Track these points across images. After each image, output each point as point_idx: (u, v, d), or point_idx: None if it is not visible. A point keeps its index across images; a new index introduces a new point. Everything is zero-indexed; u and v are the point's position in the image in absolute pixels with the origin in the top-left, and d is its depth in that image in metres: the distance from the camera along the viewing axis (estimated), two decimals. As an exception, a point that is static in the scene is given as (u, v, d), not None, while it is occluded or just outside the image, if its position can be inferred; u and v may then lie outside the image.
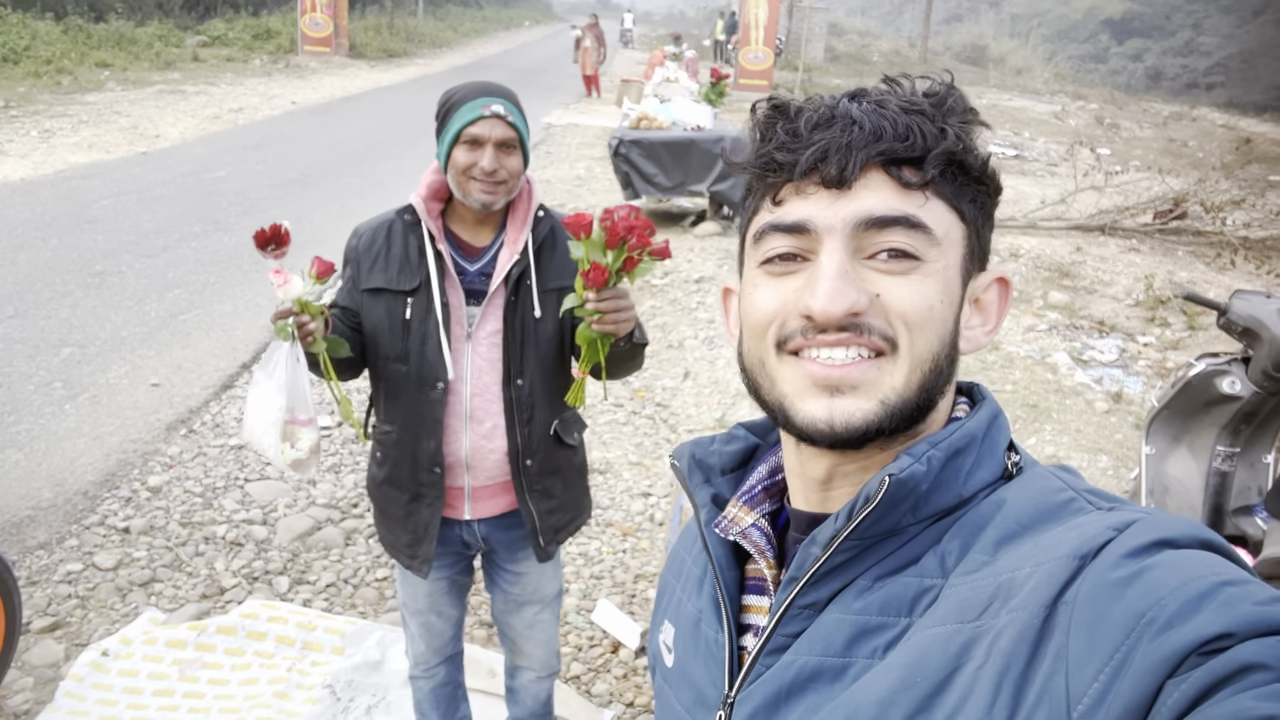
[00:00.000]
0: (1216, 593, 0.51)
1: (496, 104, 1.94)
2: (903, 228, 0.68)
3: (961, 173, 0.71)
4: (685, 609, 0.85)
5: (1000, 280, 0.76)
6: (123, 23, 20.96)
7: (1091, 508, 0.64)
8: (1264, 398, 3.22)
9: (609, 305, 1.77)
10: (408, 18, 32.76)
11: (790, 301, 0.69)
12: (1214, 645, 0.49)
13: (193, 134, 12.04)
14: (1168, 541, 0.56)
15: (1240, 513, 3.40)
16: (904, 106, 0.70)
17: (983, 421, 0.72)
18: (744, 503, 0.81)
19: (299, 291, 1.83)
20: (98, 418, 4.44)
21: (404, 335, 2.03)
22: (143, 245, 7.08)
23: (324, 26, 22.46)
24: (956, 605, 0.62)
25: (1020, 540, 0.64)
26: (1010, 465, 0.72)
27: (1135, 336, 6.93)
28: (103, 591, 3.25)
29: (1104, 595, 0.55)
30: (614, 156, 8.48)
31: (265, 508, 3.85)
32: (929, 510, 0.69)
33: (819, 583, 0.70)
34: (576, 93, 20.06)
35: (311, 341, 1.87)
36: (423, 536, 2.14)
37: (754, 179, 0.75)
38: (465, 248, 2.07)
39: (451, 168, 1.96)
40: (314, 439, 1.92)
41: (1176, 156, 16.10)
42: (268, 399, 1.87)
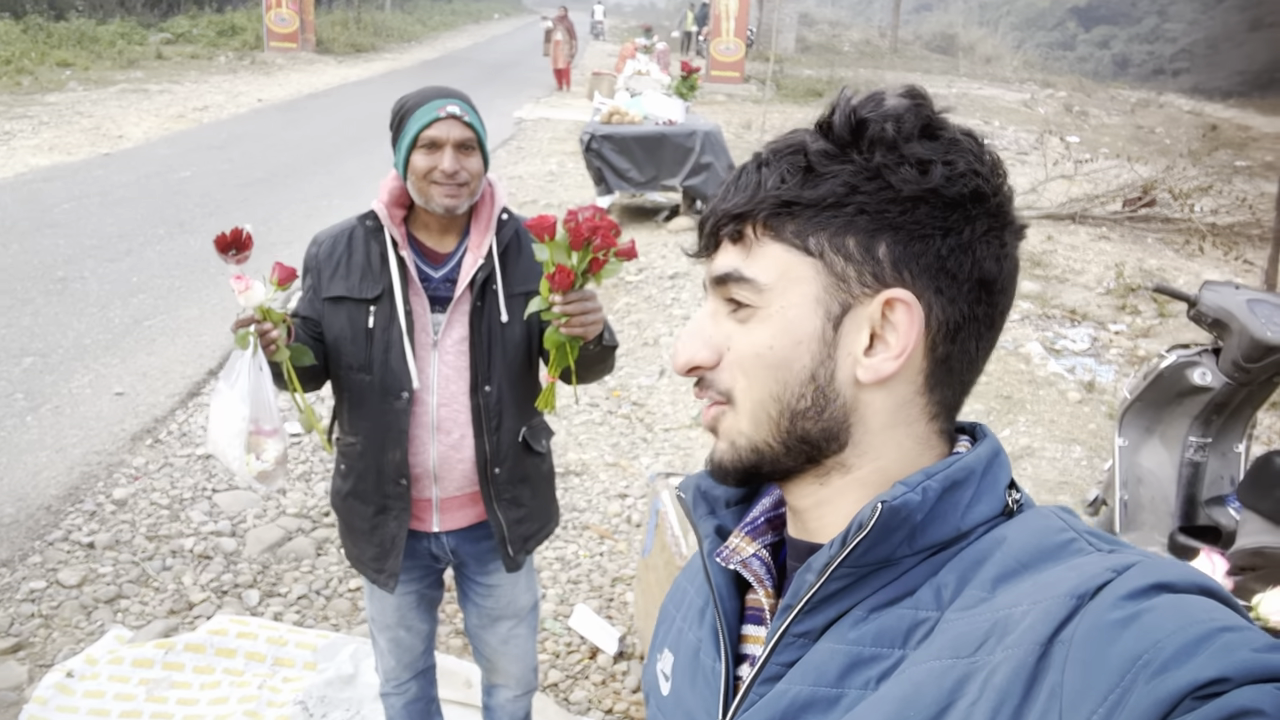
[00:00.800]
0: (1214, 638, 0.51)
1: (452, 104, 1.91)
2: (732, 282, 0.73)
3: (791, 214, 0.71)
4: (686, 638, 0.86)
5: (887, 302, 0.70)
6: (84, 21, 20.60)
7: (1091, 549, 0.64)
8: (1234, 388, 3.23)
9: (576, 308, 1.74)
10: (375, 12, 32.43)
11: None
12: (1210, 689, 0.49)
13: (157, 134, 11.86)
14: (1166, 585, 0.56)
15: (1213, 503, 3.42)
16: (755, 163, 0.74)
17: (983, 457, 0.71)
18: (746, 533, 0.82)
19: (261, 298, 1.78)
20: (60, 429, 4.34)
21: (367, 344, 1.99)
22: (106, 249, 6.96)
23: (290, 22, 22.19)
24: (952, 640, 0.62)
25: (1019, 578, 0.64)
26: (1010, 503, 0.72)
27: (1107, 325, 6.97)
28: (67, 609, 3.18)
29: (1101, 636, 0.55)
30: (586, 152, 8.43)
31: (234, 519, 3.78)
32: (925, 542, 0.68)
33: (813, 610, 0.70)
34: (547, 86, 19.94)
35: (274, 350, 1.82)
36: (389, 550, 2.09)
37: None
38: (429, 254, 2.03)
39: (411, 174, 1.92)
40: (280, 450, 1.87)
41: (1144, 143, 16.25)
42: (231, 409, 1.82)
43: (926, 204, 0.69)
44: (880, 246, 0.70)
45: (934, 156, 0.69)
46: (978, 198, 0.70)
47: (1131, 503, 3.53)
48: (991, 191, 0.71)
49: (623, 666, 3.14)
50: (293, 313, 2.05)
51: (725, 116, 15.02)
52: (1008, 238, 0.72)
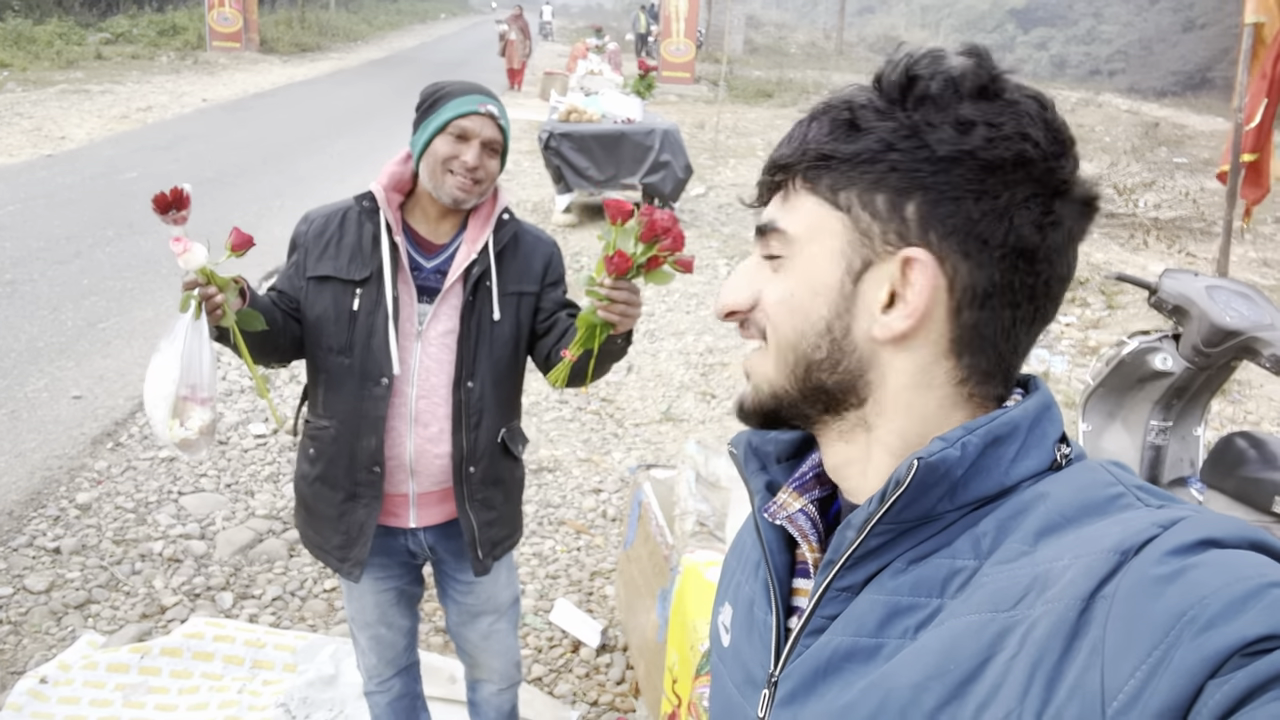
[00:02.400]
0: (1263, 594, 0.50)
1: (491, 105, 1.94)
2: (768, 232, 0.75)
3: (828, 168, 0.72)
4: (743, 591, 0.88)
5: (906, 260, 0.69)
6: (20, 21, 19.98)
7: (1140, 504, 0.63)
8: (1194, 372, 3.33)
9: (622, 295, 1.74)
10: (319, 11, 31.96)
11: None
12: (1258, 647, 0.48)
13: (100, 134, 11.56)
14: (1214, 541, 0.55)
15: (1175, 485, 3.52)
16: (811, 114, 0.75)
17: (1029, 411, 0.70)
18: (794, 489, 0.82)
19: (202, 260, 1.72)
20: (18, 434, 4.22)
21: (350, 327, 1.96)
22: (54, 251, 6.78)
23: (233, 21, 21.77)
24: (992, 594, 0.61)
25: (1062, 532, 0.62)
26: (1059, 457, 0.70)
27: (1058, 317, 7.13)
28: (36, 615, 3.09)
29: (1145, 592, 0.53)
30: (544, 150, 8.40)
31: (202, 521, 3.71)
32: (968, 497, 0.67)
33: (855, 566, 0.71)
34: (499, 86, 19.84)
35: (220, 314, 1.77)
36: (356, 538, 2.05)
37: None
38: (422, 243, 2.01)
39: (429, 156, 1.91)
40: (206, 419, 1.80)
41: (1085, 141, 16.63)
42: (163, 371, 1.75)
43: (961, 165, 0.68)
44: (909, 205, 0.69)
45: (980, 118, 0.68)
46: (1022, 162, 0.67)
47: (1095, 486, 3.63)
48: (1041, 157, 0.68)
49: (606, 659, 3.14)
50: (271, 286, 2.02)
51: (678, 116, 15.07)
52: (1058, 207, 0.69)
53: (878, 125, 0.71)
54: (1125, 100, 27.32)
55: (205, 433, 1.82)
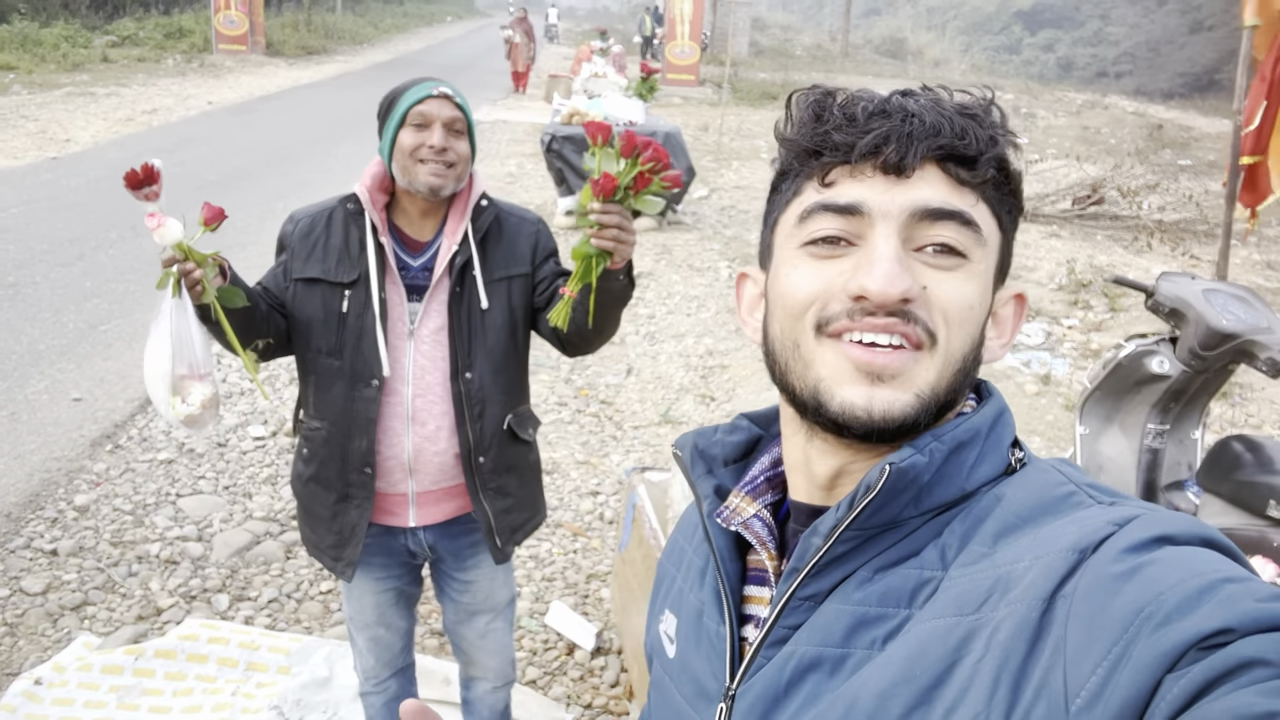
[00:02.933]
0: (1217, 589, 0.51)
1: (444, 87, 1.93)
2: (956, 223, 0.68)
3: (1005, 180, 0.72)
4: (688, 600, 0.84)
5: (1018, 296, 0.78)
6: (27, 24, 20.06)
7: (1092, 501, 0.64)
8: (1191, 375, 3.32)
9: (613, 219, 1.72)
10: (326, 14, 32.05)
11: (835, 284, 0.69)
12: (1214, 640, 0.49)
13: (105, 137, 11.61)
14: (1168, 538, 0.56)
15: (1172, 488, 3.51)
16: (958, 109, 0.70)
17: (988, 417, 0.72)
18: (746, 493, 0.80)
19: (177, 236, 1.73)
20: (18, 436, 4.24)
21: (339, 329, 1.97)
22: (57, 254, 6.80)
23: (239, 24, 21.84)
24: (956, 598, 0.62)
25: (1019, 533, 0.63)
26: (1014, 461, 0.72)
27: (1060, 320, 7.12)
28: (32, 617, 3.11)
29: (1103, 589, 0.54)
30: (546, 153, 8.42)
31: (200, 523, 3.72)
32: (931, 503, 0.68)
33: (820, 574, 0.70)
34: (504, 89, 19.86)
35: (200, 291, 1.77)
36: (349, 539, 2.06)
37: (799, 159, 0.74)
38: (409, 242, 2.02)
39: (398, 152, 1.90)
40: (207, 393, 1.81)
41: (1091, 144, 16.61)
42: (157, 352, 1.77)
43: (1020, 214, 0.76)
44: (1012, 244, 0.75)
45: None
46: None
47: (1093, 490, 3.62)
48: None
49: (600, 662, 3.14)
50: (257, 283, 2.02)
51: (682, 119, 15.09)
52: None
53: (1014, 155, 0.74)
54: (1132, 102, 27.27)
55: (208, 406, 1.83)
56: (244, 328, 1.91)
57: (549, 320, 1.94)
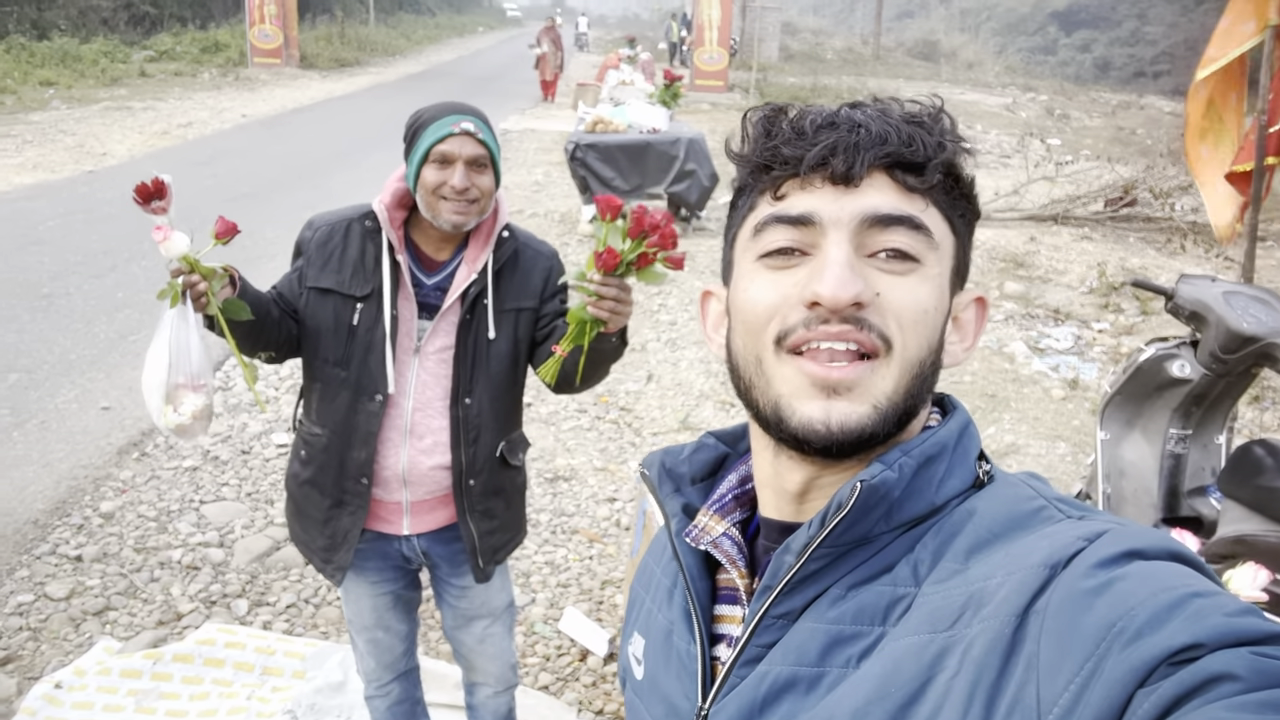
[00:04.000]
0: (1186, 604, 0.52)
1: (466, 121, 1.91)
2: (906, 228, 0.68)
3: (955, 185, 0.72)
4: (656, 620, 0.84)
5: (979, 300, 0.78)
6: (67, 40, 20.55)
7: (1062, 516, 0.65)
8: (1212, 379, 3.26)
9: (611, 292, 1.74)
10: (358, 27, 32.47)
11: (791, 294, 0.69)
12: (1184, 655, 0.49)
13: (141, 150, 11.84)
14: (1138, 553, 0.57)
15: (1195, 494, 3.45)
16: (905, 118, 0.71)
17: (954, 430, 0.72)
18: (714, 511, 0.80)
19: (183, 248, 1.76)
20: (47, 444, 4.33)
21: (348, 341, 2.00)
22: (91, 265, 6.95)
23: (273, 38, 22.20)
24: (929, 614, 0.62)
25: (991, 548, 0.64)
26: (981, 474, 0.73)
27: (1090, 323, 7.02)
28: (55, 622, 3.17)
29: (1074, 605, 0.55)
30: (570, 161, 8.46)
31: (222, 529, 3.78)
32: (902, 518, 0.69)
33: (793, 592, 0.70)
34: (533, 98, 19.99)
35: (205, 303, 1.80)
36: (340, 543, 2.09)
37: (753, 174, 0.75)
38: (425, 260, 2.04)
39: (421, 187, 1.92)
40: (200, 404, 1.84)
41: (1126, 144, 16.38)
42: (155, 360, 1.81)
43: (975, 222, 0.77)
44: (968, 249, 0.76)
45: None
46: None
47: (1114, 496, 3.56)
48: None
49: (613, 668, 3.15)
50: (272, 286, 2.05)
51: (710, 124, 15.10)
52: None
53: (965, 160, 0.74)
54: (1170, 102, 26.84)
55: (199, 417, 1.86)
56: (252, 337, 1.95)
57: (539, 375, 1.96)
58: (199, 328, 1.83)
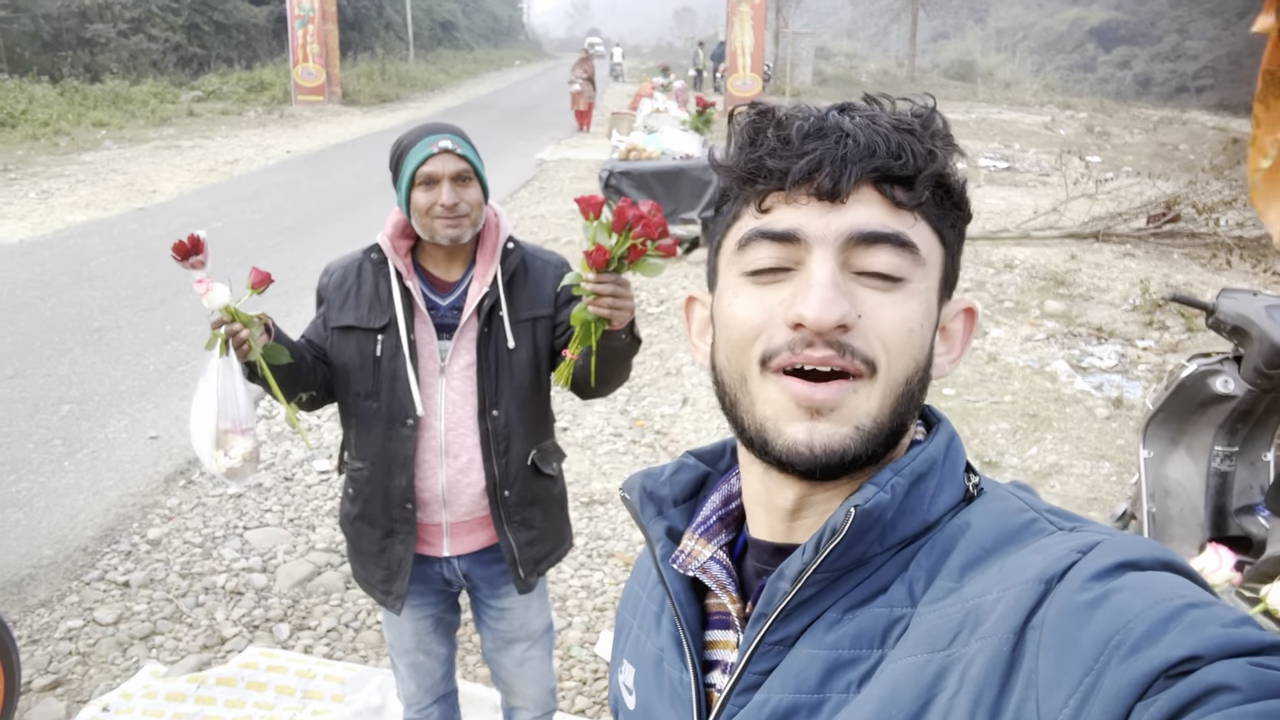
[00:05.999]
0: (1183, 615, 0.52)
1: (444, 139, 1.97)
2: (892, 246, 0.67)
3: (946, 196, 0.70)
4: (645, 648, 0.83)
5: (967, 310, 0.76)
6: (118, 82, 21.20)
7: (1053, 528, 0.64)
8: (1258, 395, 3.20)
9: (607, 289, 1.76)
10: (399, 63, 33.10)
11: (776, 312, 0.67)
12: (1182, 668, 0.49)
13: (189, 187, 12.15)
14: (1132, 564, 0.57)
15: (1243, 512, 3.38)
16: (894, 124, 0.69)
17: (941, 445, 0.71)
18: (700, 535, 0.79)
19: (225, 299, 1.83)
20: (97, 473, 4.44)
21: (375, 372, 2.05)
22: (141, 300, 7.13)
23: (316, 76, 22.72)
24: (926, 634, 0.62)
25: (985, 564, 0.64)
26: (971, 487, 0.72)
27: (1134, 341, 6.91)
28: (103, 647, 3.24)
29: (1071, 619, 0.55)
30: (604, 188, 8.53)
31: (265, 555, 3.84)
32: (895, 538, 0.68)
33: (788, 618, 0.69)
34: (568, 128, 20.22)
35: (247, 350, 1.86)
36: (396, 573, 2.14)
37: (738, 184, 0.72)
38: (436, 283, 2.09)
39: (414, 211, 1.98)
40: (249, 447, 1.91)
41: (1168, 160, 16.16)
42: (203, 407, 1.87)
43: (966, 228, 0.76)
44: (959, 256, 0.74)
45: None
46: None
47: (1160, 515, 3.49)
48: None
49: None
50: (301, 335, 2.11)
51: (744, 150, 15.11)
52: None
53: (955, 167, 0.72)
54: (1213, 117, 26.46)
55: (249, 459, 1.93)
56: (290, 380, 2.01)
57: (555, 380, 2.00)
58: (242, 374, 1.89)
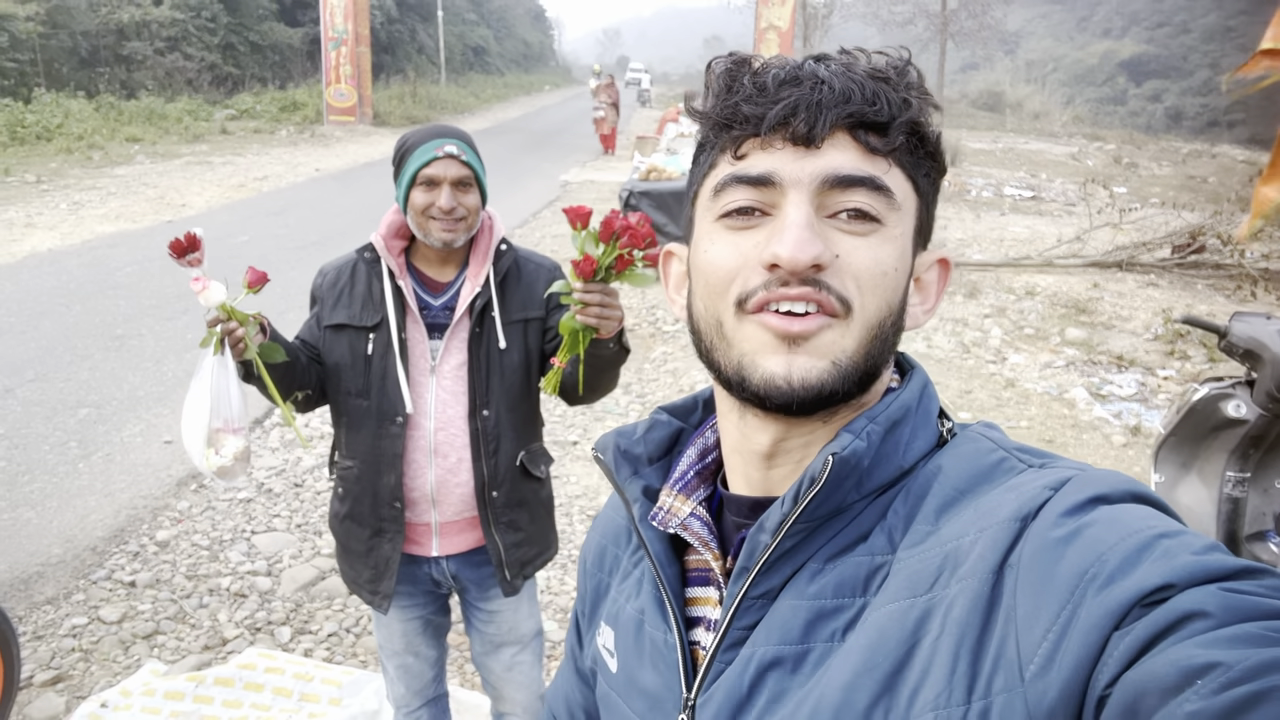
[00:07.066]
0: (1154, 545, 0.52)
1: (450, 144, 1.99)
2: (867, 189, 0.67)
3: (920, 144, 0.71)
4: (625, 610, 0.82)
5: (941, 261, 0.76)
6: (153, 99, 21.63)
7: (1024, 465, 0.65)
8: (1270, 420, 3.16)
9: (594, 298, 1.77)
10: (430, 86, 33.54)
11: (751, 256, 0.67)
12: (1155, 596, 0.50)
13: (218, 202, 12.34)
14: (1102, 498, 0.57)
15: (1254, 539, 3.32)
16: (870, 73, 0.69)
17: (915, 391, 0.72)
18: (678, 491, 0.78)
19: (221, 297, 1.84)
20: (110, 475, 4.49)
21: (365, 370, 2.06)
22: (164, 309, 7.23)
23: (348, 97, 23.08)
24: (908, 579, 0.62)
25: (960, 506, 0.64)
26: (945, 432, 0.73)
27: (1155, 370, 6.84)
28: (106, 644, 3.26)
29: (1046, 555, 0.55)
30: (625, 208, 8.59)
31: (270, 559, 3.86)
32: (872, 485, 0.69)
33: (770, 570, 0.69)
34: (594, 151, 20.38)
35: (243, 348, 1.87)
36: (384, 572, 2.14)
37: (714, 131, 0.72)
38: (429, 283, 2.11)
39: (410, 209, 2.00)
40: (240, 446, 1.91)
41: (1195, 192, 16.03)
42: (196, 406, 1.88)
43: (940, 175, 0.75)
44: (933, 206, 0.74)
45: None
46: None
47: (1170, 540, 3.44)
48: None
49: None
50: (295, 336, 2.13)
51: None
52: None
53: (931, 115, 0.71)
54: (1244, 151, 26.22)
55: (240, 458, 1.94)
56: (285, 380, 2.03)
57: (543, 388, 1.99)
58: (236, 374, 1.91)
